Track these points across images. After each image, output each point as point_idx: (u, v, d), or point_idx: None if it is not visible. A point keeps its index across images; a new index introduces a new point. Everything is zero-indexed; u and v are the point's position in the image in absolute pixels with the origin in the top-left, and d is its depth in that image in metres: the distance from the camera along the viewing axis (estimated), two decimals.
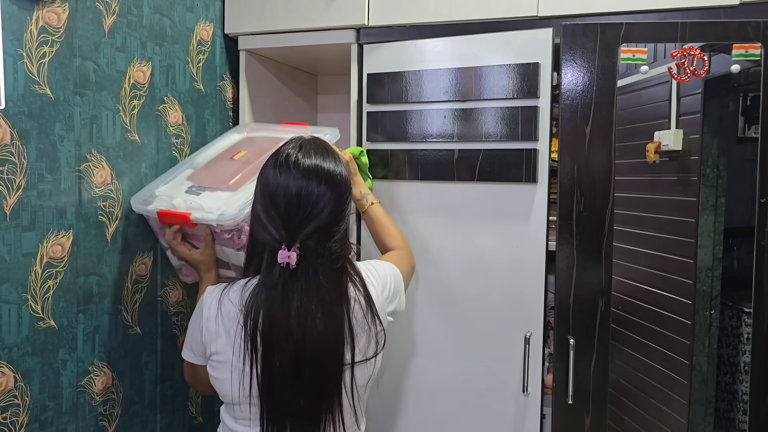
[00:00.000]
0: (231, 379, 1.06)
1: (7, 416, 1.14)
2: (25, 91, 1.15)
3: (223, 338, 1.07)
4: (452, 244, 1.53)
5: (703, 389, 1.67)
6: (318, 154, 1.08)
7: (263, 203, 1.06)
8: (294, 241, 1.04)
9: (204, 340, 1.09)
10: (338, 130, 1.55)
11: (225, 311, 1.07)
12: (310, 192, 1.04)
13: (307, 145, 1.09)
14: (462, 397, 1.53)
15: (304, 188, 1.04)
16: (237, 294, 1.08)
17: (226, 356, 1.06)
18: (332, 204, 1.06)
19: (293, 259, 1.03)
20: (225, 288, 1.10)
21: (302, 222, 1.04)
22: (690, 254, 1.47)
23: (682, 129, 1.44)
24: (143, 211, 1.36)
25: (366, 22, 1.57)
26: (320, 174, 1.06)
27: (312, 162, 1.06)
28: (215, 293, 1.10)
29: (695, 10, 1.33)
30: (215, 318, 1.07)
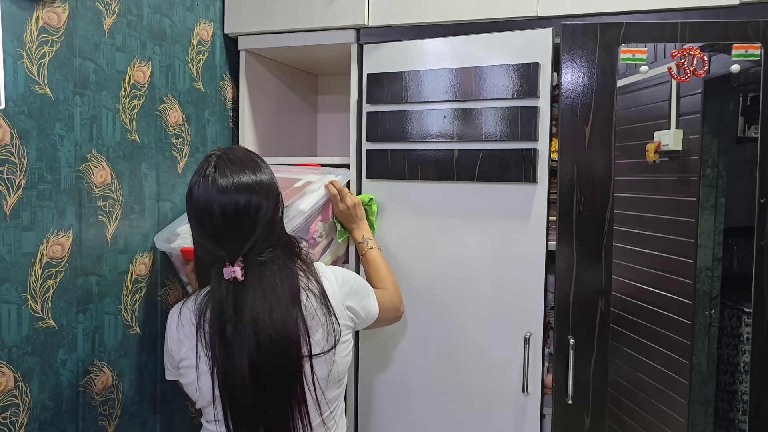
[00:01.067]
0: (197, 383, 1.12)
1: (7, 416, 1.14)
2: (25, 91, 1.15)
3: (185, 345, 1.14)
4: (452, 243, 1.53)
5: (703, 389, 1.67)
6: (234, 170, 1.09)
7: (194, 224, 1.11)
8: (236, 256, 1.07)
9: (171, 351, 1.17)
10: (348, 172, 1.62)
11: (185, 319, 1.14)
12: (235, 208, 1.06)
13: (222, 162, 1.09)
14: (462, 396, 1.53)
15: (227, 206, 1.05)
16: (193, 302, 1.15)
17: (191, 361, 1.12)
18: (262, 212, 1.08)
19: (239, 273, 1.06)
20: (184, 300, 1.18)
21: (237, 237, 1.07)
22: (690, 254, 1.47)
23: (682, 129, 1.43)
24: (167, 249, 1.43)
25: (366, 22, 1.57)
26: (240, 189, 1.07)
27: (229, 181, 1.07)
28: (176, 306, 1.18)
29: (695, 10, 1.33)
30: (176, 327, 1.15)
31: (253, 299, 1.07)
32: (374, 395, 1.63)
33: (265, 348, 1.06)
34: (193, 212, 1.09)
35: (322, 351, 1.12)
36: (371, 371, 1.63)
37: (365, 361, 1.64)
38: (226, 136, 1.76)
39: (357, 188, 1.63)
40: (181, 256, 1.40)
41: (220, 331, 1.07)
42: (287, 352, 1.07)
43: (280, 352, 1.07)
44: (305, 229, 1.50)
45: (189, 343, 1.13)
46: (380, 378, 1.62)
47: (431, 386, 1.56)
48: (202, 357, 1.10)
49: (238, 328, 1.06)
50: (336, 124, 2.23)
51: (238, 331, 1.06)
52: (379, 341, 1.62)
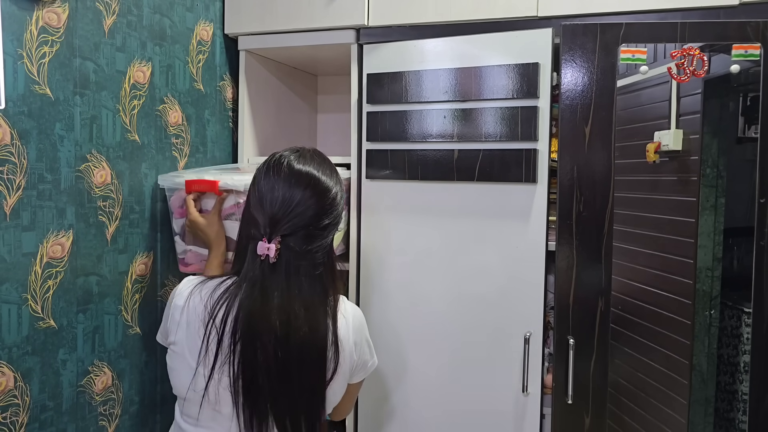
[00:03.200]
0: (181, 374, 1.08)
1: (7, 416, 1.14)
2: (25, 91, 1.15)
3: (183, 330, 1.08)
4: (452, 244, 1.53)
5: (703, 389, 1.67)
6: (313, 162, 1.11)
7: (253, 200, 1.09)
8: (275, 234, 1.06)
9: (170, 326, 1.11)
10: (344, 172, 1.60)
11: (192, 305, 1.08)
12: (294, 194, 1.07)
13: (306, 153, 1.12)
14: (461, 396, 1.53)
15: (290, 190, 1.07)
16: (209, 291, 1.08)
17: (181, 348, 1.08)
18: (315, 208, 1.08)
19: (272, 250, 1.05)
20: (201, 282, 1.11)
21: (284, 218, 1.06)
22: (690, 254, 1.47)
23: (681, 129, 1.43)
24: (171, 183, 1.44)
25: (366, 23, 1.57)
26: (309, 180, 1.08)
27: (304, 168, 1.09)
28: (190, 284, 1.11)
29: (695, 10, 1.33)
30: (182, 308, 1.09)
31: (281, 289, 1.05)
32: (373, 394, 1.63)
33: (295, 349, 1.03)
34: (258, 188, 1.08)
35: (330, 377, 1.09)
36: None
37: None
38: (226, 136, 1.76)
39: (357, 188, 1.63)
40: (184, 190, 1.41)
41: (243, 326, 1.03)
42: (314, 361, 1.05)
43: (308, 357, 1.05)
44: None
45: (188, 333, 1.07)
46: (379, 376, 1.62)
47: (430, 384, 1.56)
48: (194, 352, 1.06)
49: (265, 321, 1.03)
50: (336, 124, 2.23)
51: (265, 326, 1.03)
52: (379, 340, 1.62)
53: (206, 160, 1.67)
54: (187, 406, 1.11)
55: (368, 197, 1.62)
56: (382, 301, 1.61)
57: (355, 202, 1.64)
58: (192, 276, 1.15)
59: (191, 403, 1.09)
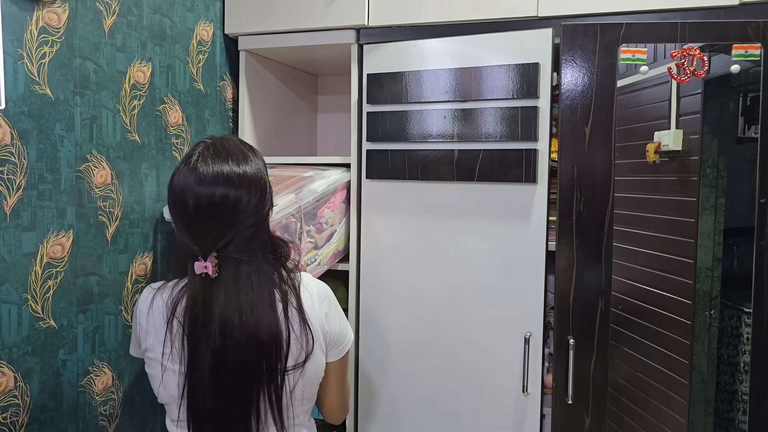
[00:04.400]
0: (162, 377, 1.09)
1: (7, 416, 1.14)
2: (25, 91, 1.15)
3: (152, 336, 1.10)
4: (452, 244, 1.53)
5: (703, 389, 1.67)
6: (217, 160, 1.03)
7: (171, 212, 1.05)
8: (209, 251, 1.02)
9: (139, 335, 1.13)
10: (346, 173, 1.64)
11: (156, 309, 1.09)
12: (211, 201, 1.00)
13: (207, 151, 1.04)
14: (462, 396, 1.53)
15: (202, 197, 1.00)
16: (167, 293, 1.09)
17: (156, 354, 1.09)
18: (241, 207, 1.02)
19: (210, 269, 1.01)
20: (160, 286, 1.12)
21: (211, 231, 1.02)
22: (690, 254, 1.47)
23: (682, 129, 1.43)
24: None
25: (366, 23, 1.57)
26: (219, 180, 1.01)
27: (209, 170, 1.01)
28: (151, 291, 1.13)
29: (695, 11, 1.33)
30: (147, 314, 1.10)
31: (224, 298, 1.01)
32: (373, 395, 1.63)
33: (231, 352, 1.00)
34: (171, 200, 1.03)
35: (294, 365, 1.06)
36: (370, 370, 1.63)
37: (364, 360, 1.64)
38: None
39: (357, 188, 1.63)
40: None
41: (189, 329, 1.02)
42: (254, 359, 1.02)
43: (246, 358, 1.01)
44: (313, 212, 1.51)
45: (156, 337, 1.08)
46: (379, 377, 1.62)
47: (431, 386, 1.56)
48: (167, 354, 1.05)
49: (205, 327, 1.01)
50: (336, 124, 2.23)
51: (205, 330, 1.01)
52: (379, 340, 1.62)
53: None
54: (170, 410, 1.12)
55: (368, 197, 1.62)
56: (382, 301, 1.61)
57: (355, 202, 1.64)
58: (151, 284, 1.17)
59: (173, 405, 1.09)
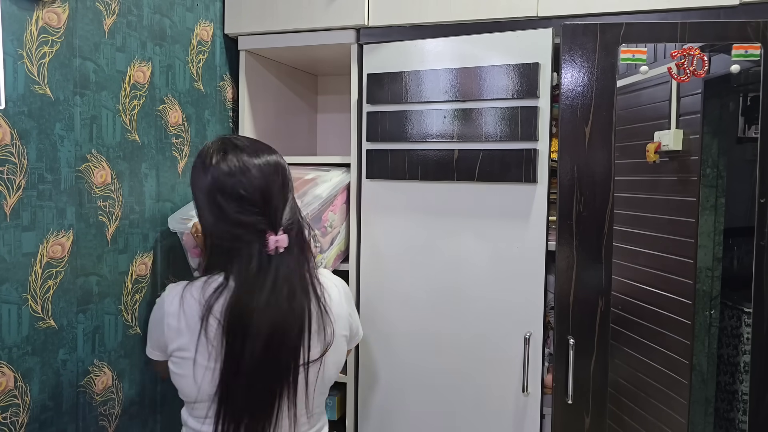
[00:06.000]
0: (194, 376, 1.06)
1: (7, 416, 1.14)
2: (25, 91, 1.15)
3: (185, 335, 1.07)
4: (452, 244, 1.53)
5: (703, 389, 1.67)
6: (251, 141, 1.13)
7: (225, 199, 1.05)
8: (277, 226, 1.06)
9: (166, 336, 1.09)
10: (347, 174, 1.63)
11: (187, 307, 1.07)
12: (273, 166, 1.09)
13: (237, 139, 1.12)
14: (462, 396, 1.53)
15: (264, 165, 1.08)
16: (199, 291, 1.07)
17: (189, 353, 1.07)
18: (288, 175, 1.11)
19: (284, 241, 1.05)
20: (186, 285, 1.10)
21: (276, 202, 1.07)
22: (690, 254, 1.47)
23: (682, 129, 1.43)
24: (182, 229, 1.43)
25: (366, 22, 1.57)
26: (266, 149, 1.11)
27: (254, 145, 1.11)
28: (177, 289, 1.10)
29: (695, 11, 1.33)
30: (177, 314, 1.07)
31: (288, 270, 1.06)
32: (373, 394, 1.63)
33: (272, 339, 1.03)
34: (225, 185, 1.05)
35: (321, 353, 1.10)
36: (370, 370, 1.63)
37: (365, 360, 1.64)
38: None
39: (357, 188, 1.63)
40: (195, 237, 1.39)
41: (238, 322, 1.03)
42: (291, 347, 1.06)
43: (285, 345, 1.05)
44: (318, 216, 1.51)
45: (190, 334, 1.06)
46: (379, 377, 1.62)
47: (431, 385, 1.56)
48: (203, 352, 1.05)
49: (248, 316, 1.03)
50: (336, 124, 2.23)
51: (250, 320, 1.03)
52: (379, 340, 1.62)
53: None
54: (201, 407, 1.09)
55: (368, 197, 1.62)
56: (382, 301, 1.61)
57: (355, 202, 1.64)
58: (171, 285, 1.13)
59: (207, 402, 1.07)
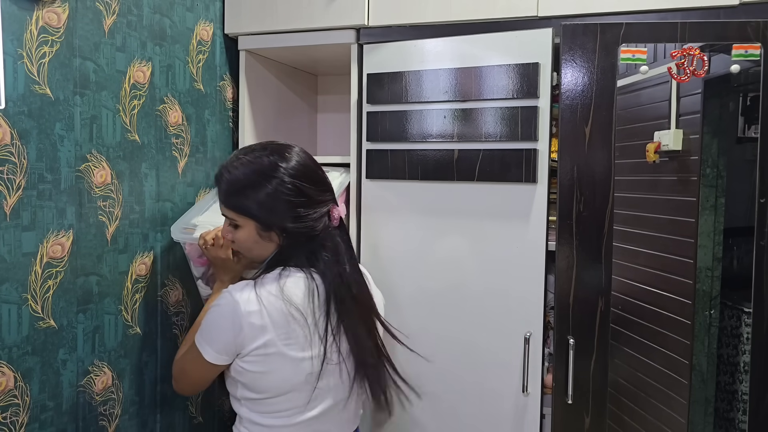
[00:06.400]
0: (283, 371, 1.13)
1: (7, 416, 1.14)
2: (25, 91, 1.15)
3: (270, 331, 1.12)
4: (452, 243, 1.53)
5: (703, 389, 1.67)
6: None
7: (309, 187, 1.18)
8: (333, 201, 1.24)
9: (245, 336, 1.12)
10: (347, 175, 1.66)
11: (268, 305, 1.12)
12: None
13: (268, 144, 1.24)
14: (462, 396, 1.53)
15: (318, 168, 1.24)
16: (274, 285, 1.14)
17: (276, 348, 1.12)
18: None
19: (343, 209, 1.24)
20: (255, 284, 1.15)
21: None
22: (690, 254, 1.47)
23: (682, 129, 1.44)
24: (187, 239, 1.42)
25: (366, 22, 1.57)
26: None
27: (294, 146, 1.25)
28: (248, 289, 1.14)
29: (695, 10, 1.33)
30: (258, 312, 1.11)
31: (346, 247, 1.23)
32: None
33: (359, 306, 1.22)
34: (306, 172, 1.18)
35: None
36: None
37: None
38: (226, 136, 1.76)
39: (357, 188, 1.63)
40: (199, 248, 1.38)
41: (343, 303, 1.17)
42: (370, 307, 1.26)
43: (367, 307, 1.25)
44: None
45: (277, 330, 1.12)
46: None
47: (431, 385, 1.56)
48: (295, 344, 1.13)
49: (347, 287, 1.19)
50: (336, 124, 2.23)
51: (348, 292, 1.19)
52: None
53: (206, 159, 1.67)
54: (283, 400, 1.16)
55: (368, 197, 1.62)
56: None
57: (354, 202, 1.64)
58: (233, 287, 1.16)
59: (296, 393, 1.15)
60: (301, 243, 1.18)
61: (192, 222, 1.46)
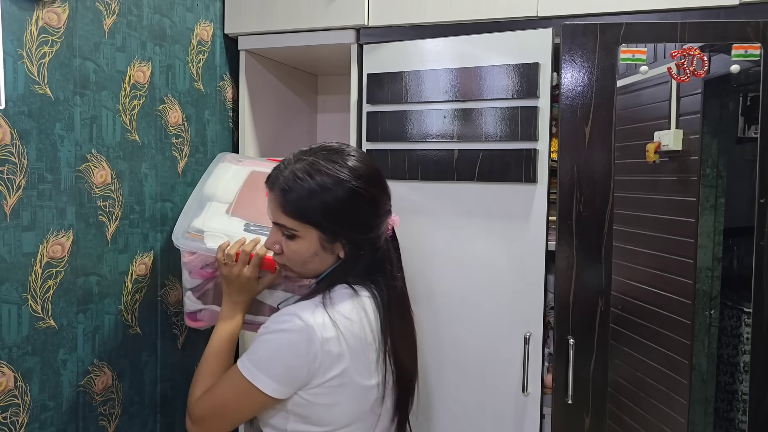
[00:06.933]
0: (352, 401, 1.03)
1: (7, 416, 1.14)
2: (25, 91, 1.15)
3: (346, 358, 1.00)
4: (452, 244, 1.53)
5: (703, 389, 1.67)
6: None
7: (384, 195, 1.11)
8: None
9: (319, 367, 0.99)
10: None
11: (344, 329, 1.00)
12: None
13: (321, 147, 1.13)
14: (461, 396, 1.53)
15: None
16: (346, 306, 1.03)
17: (350, 377, 1.01)
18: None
19: (398, 220, 1.15)
20: (324, 307, 1.01)
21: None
22: (690, 254, 1.47)
23: (681, 129, 1.43)
24: (197, 248, 1.25)
25: (366, 22, 1.57)
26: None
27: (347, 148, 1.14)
28: (320, 312, 1.00)
29: (695, 10, 1.33)
30: (336, 338, 0.99)
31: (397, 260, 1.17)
32: None
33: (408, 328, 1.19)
34: (377, 180, 1.09)
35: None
36: None
37: None
38: (226, 136, 1.76)
39: None
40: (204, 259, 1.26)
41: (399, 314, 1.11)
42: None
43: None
44: None
45: (353, 357, 1.01)
46: None
47: (430, 385, 1.56)
48: (365, 370, 1.03)
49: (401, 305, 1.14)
50: (336, 124, 2.23)
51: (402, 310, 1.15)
52: None
53: (206, 160, 1.67)
54: (364, 426, 1.07)
55: None
56: None
57: None
58: (301, 308, 1.01)
59: (360, 423, 1.06)
60: (364, 256, 1.07)
61: (195, 227, 1.29)
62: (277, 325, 1.00)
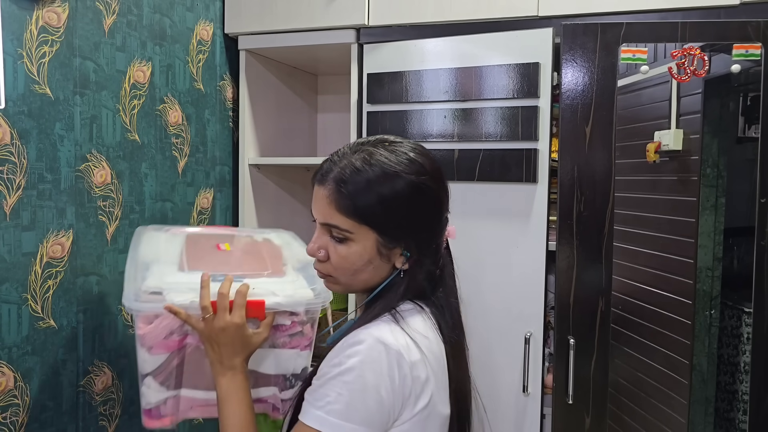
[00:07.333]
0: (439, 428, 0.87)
1: (7, 416, 1.14)
2: (25, 91, 1.15)
3: (432, 383, 0.84)
4: (452, 244, 1.52)
5: (703, 389, 1.67)
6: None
7: (442, 194, 0.96)
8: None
9: (410, 396, 0.82)
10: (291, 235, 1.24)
11: (426, 349, 0.84)
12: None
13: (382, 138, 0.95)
14: None
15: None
16: (419, 322, 0.88)
17: (434, 406, 0.85)
18: None
19: (454, 230, 1.01)
20: (403, 328, 0.85)
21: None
22: (690, 254, 1.47)
23: (682, 129, 1.43)
24: (156, 310, 0.98)
25: (366, 22, 1.57)
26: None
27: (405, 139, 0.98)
28: (398, 331, 0.83)
29: (695, 10, 1.33)
30: (422, 361, 0.82)
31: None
32: None
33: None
34: (441, 176, 0.95)
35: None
36: None
37: None
38: (226, 135, 1.76)
39: None
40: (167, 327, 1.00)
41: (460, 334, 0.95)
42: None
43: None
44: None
45: (436, 381, 0.85)
46: None
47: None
48: (444, 396, 0.87)
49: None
50: (336, 124, 2.23)
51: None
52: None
53: (206, 159, 1.67)
54: None
55: None
56: None
57: None
58: (373, 329, 0.83)
59: None
60: (425, 266, 0.92)
61: (151, 286, 1.00)
62: (351, 358, 0.79)
